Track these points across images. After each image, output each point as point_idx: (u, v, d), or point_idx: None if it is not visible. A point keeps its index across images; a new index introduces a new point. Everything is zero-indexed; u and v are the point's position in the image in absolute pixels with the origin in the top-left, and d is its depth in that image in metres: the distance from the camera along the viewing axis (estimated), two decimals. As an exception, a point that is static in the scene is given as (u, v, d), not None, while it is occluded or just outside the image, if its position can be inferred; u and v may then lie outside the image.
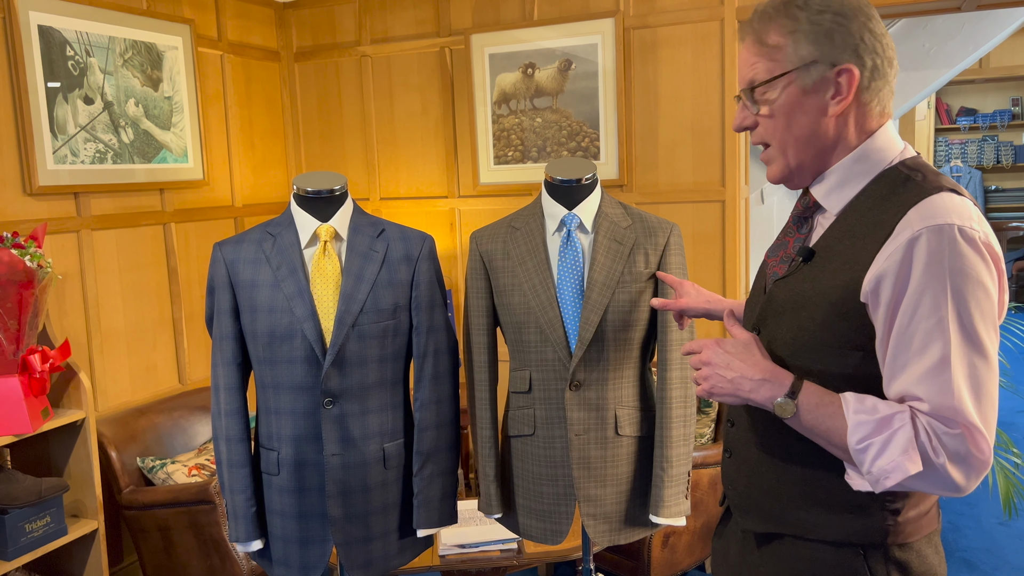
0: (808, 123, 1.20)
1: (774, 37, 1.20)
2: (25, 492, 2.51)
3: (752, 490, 1.32)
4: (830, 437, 1.14)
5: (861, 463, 1.11)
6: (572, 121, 3.50)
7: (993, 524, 3.63)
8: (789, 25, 1.19)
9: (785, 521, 1.28)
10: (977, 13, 4.40)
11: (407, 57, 3.82)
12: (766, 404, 1.19)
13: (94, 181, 3.03)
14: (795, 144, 1.22)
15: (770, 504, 1.29)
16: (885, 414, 1.09)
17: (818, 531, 1.24)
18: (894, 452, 1.07)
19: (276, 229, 1.95)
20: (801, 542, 1.26)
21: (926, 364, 1.07)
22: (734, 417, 1.38)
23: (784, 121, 1.22)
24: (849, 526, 1.21)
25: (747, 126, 1.27)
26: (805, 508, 1.25)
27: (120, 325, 3.18)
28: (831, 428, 1.14)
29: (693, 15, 3.29)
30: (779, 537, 1.30)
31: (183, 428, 3.21)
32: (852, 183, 1.21)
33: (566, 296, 1.93)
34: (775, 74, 1.20)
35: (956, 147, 9.08)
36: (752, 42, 1.23)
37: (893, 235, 1.11)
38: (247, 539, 1.94)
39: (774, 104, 1.22)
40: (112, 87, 3.10)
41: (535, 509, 2.03)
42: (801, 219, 1.29)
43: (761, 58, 1.22)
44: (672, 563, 2.91)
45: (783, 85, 1.20)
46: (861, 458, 1.11)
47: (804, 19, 1.18)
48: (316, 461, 1.90)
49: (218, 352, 1.93)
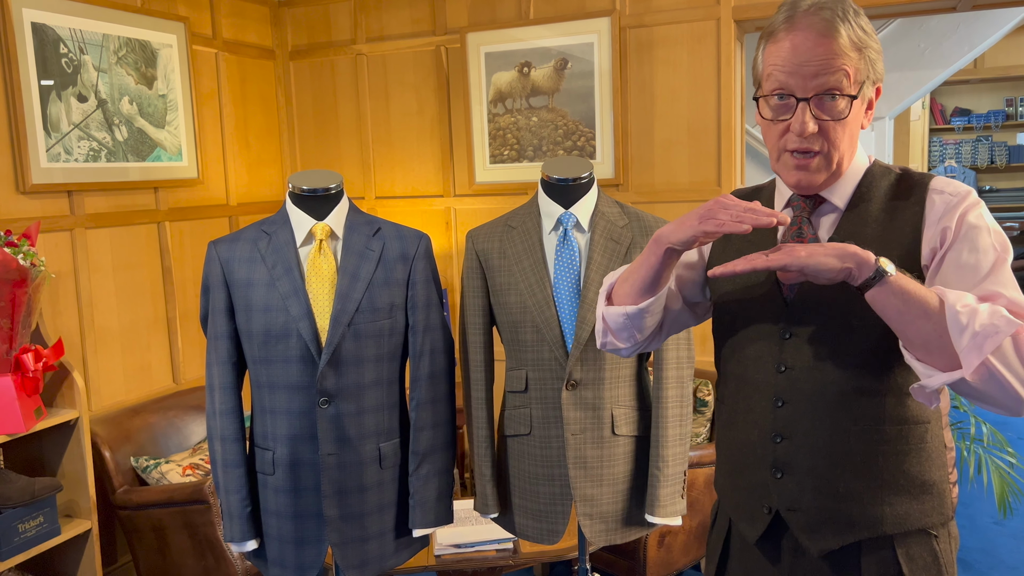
0: (856, 133, 1.26)
1: (854, 49, 1.19)
2: (18, 492, 2.49)
3: (825, 501, 1.26)
4: (917, 313, 1.10)
5: (962, 327, 1.07)
6: (568, 120, 3.50)
7: (988, 524, 3.64)
8: (865, 40, 1.20)
9: (868, 524, 1.25)
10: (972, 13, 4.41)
11: (403, 56, 3.81)
12: (863, 269, 1.12)
13: (88, 179, 3.01)
14: (847, 153, 1.25)
15: (848, 510, 1.25)
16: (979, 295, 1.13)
17: (903, 523, 1.24)
18: (995, 314, 1.07)
19: (271, 227, 1.94)
20: (880, 545, 1.25)
21: (991, 270, 1.15)
22: (783, 430, 1.28)
23: (849, 131, 1.23)
24: (930, 508, 1.25)
25: (811, 132, 1.20)
26: (888, 501, 1.24)
27: (114, 324, 3.16)
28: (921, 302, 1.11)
29: (689, 15, 3.29)
30: (853, 549, 1.27)
31: (177, 428, 3.20)
32: (851, 180, 1.28)
33: (563, 295, 1.92)
34: (857, 87, 1.20)
35: (950, 147, 9.10)
36: (834, 46, 1.17)
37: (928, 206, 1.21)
38: (242, 539, 1.93)
39: (847, 115, 1.20)
40: (106, 85, 3.08)
41: (531, 509, 2.02)
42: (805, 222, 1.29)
43: (849, 64, 1.18)
44: (668, 563, 2.91)
45: (857, 100, 1.21)
46: (963, 321, 1.07)
47: (870, 38, 1.21)
48: (312, 461, 1.90)
49: (213, 351, 1.92)
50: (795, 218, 1.30)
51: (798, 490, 1.28)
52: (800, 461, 1.27)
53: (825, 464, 1.25)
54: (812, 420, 1.25)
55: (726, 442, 1.40)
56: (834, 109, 1.19)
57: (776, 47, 1.22)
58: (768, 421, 1.29)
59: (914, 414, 1.25)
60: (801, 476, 1.27)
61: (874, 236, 1.23)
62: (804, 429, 1.26)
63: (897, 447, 1.23)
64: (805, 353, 1.25)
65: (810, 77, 1.18)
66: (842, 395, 1.24)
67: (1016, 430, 4.87)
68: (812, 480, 1.26)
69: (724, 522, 1.44)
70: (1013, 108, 8.85)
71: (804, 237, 1.28)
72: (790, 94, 1.20)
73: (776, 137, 1.25)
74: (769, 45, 1.24)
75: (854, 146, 1.27)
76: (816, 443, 1.25)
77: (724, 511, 1.45)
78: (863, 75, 1.20)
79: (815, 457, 1.26)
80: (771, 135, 1.26)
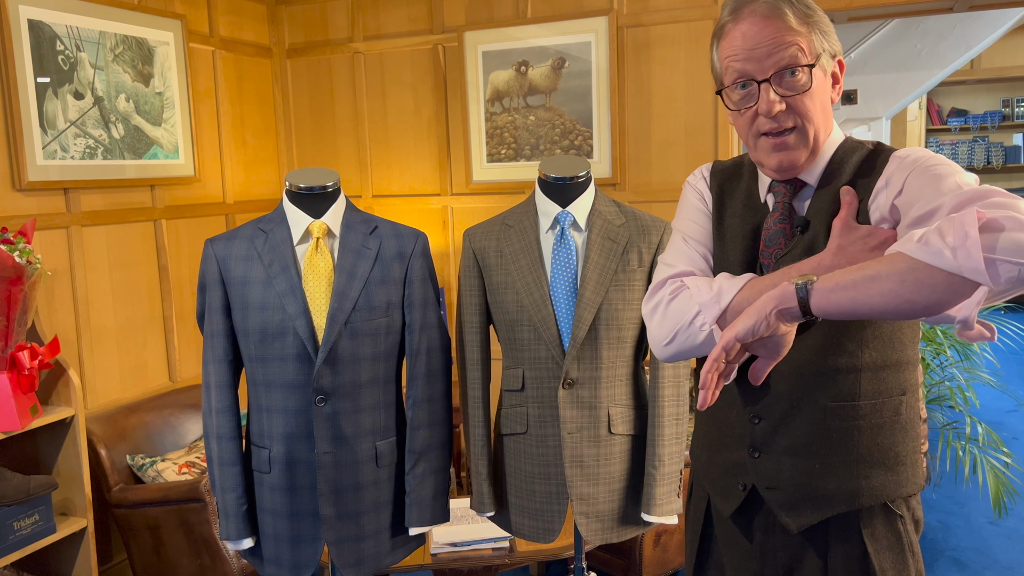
0: (827, 107, 1.27)
1: (798, 23, 1.22)
2: (13, 490, 2.49)
3: (802, 477, 1.29)
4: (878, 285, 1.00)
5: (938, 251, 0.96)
6: (565, 119, 3.50)
7: (983, 523, 3.65)
8: (801, 12, 1.22)
9: (842, 499, 1.28)
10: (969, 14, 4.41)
11: (400, 54, 3.81)
12: (790, 304, 1.06)
13: (84, 177, 3.01)
14: (822, 127, 1.26)
15: (826, 485, 1.28)
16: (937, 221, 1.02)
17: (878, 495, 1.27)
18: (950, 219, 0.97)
19: (268, 226, 1.93)
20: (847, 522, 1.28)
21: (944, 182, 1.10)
22: (761, 411, 1.30)
23: (818, 103, 1.24)
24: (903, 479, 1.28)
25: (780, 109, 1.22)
26: (864, 474, 1.27)
27: (110, 322, 3.16)
28: (868, 270, 1.02)
29: (686, 14, 3.29)
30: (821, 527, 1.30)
31: (173, 426, 3.19)
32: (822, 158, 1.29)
33: (559, 294, 1.92)
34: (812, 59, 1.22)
35: (947, 148, 9.12)
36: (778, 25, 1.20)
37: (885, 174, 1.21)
38: (238, 537, 1.93)
39: (810, 86, 1.22)
40: (103, 82, 3.08)
41: (527, 507, 2.02)
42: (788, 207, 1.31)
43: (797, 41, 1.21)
44: (664, 562, 2.91)
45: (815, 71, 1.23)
46: (934, 245, 0.96)
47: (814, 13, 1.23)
48: (308, 459, 1.89)
49: (209, 349, 1.92)
50: (776, 204, 1.31)
51: (776, 469, 1.30)
52: (778, 441, 1.30)
53: (802, 443, 1.28)
54: (789, 401, 1.27)
55: (705, 417, 1.43)
56: (796, 83, 1.21)
57: (727, 41, 1.25)
58: (746, 402, 1.32)
59: (889, 387, 1.27)
60: (779, 455, 1.30)
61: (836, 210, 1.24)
62: (782, 410, 1.29)
63: (873, 421, 1.25)
64: None
65: (765, 58, 1.21)
66: (818, 375, 1.26)
67: (1011, 430, 4.89)
68: (790, 459, 1.29)
69: (703, 493, 1.46)
70: (1010, 109, 8.87)
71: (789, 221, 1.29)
72: (751, 79, 1.23)
73: (747, 126, 1.27)
74: (720, 41, 1.27)
75: (828, 121, 1.28)
76: (793, 423, 1.28)
77: (700, 482, 1.48)
78: (817, 47, 1.23)
79: (792, 437, 1.28)
80: (742, 125, 1.28)
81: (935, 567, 3.28)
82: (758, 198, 1.36)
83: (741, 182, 1.39)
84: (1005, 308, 4.68)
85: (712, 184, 1.43)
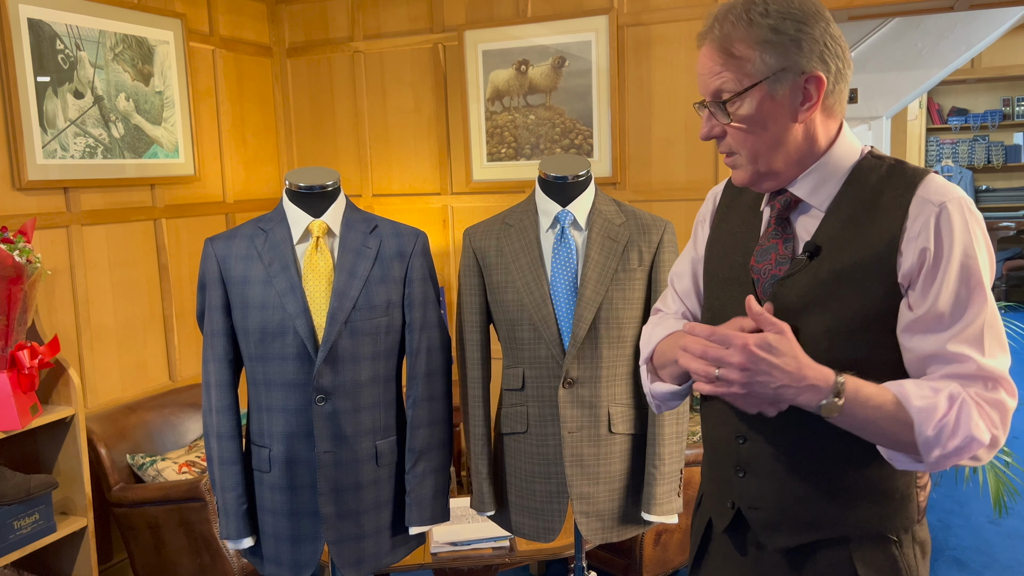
0: (778, 131, 1.21)
1: (740, 48, 1.18)
2: (13, 489, 2.49)
3: (783, 503, 1.27)
4: (880, 426, 1.13)
5: (933, 447, 1.11)
6: (565, 118, 3.49)
7: (983, 523, 3.65)
8: (755, 35, 1.17)
9: (824, 525, 1.25)
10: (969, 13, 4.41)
11: (400, 53, 3.80)
12: (809, 407, 1.13)
13: (84, 176, 3.01)
14: (766, 152, 1.22)
15: (807, 512, 1.25)
16: (945, 393, 1.12)
17: (861, 526, 1.24)
18: (967, 427, 1.10)
19: (268, 225, 1.93)
20: (838, 546, 1.25)
21: (970, 323, 1.13)
22: (747, 433, 1.29)
23: (755, 131, 1.21)
24: (890, 512, 1.23)
25: (715, 135, 1.25)
26: (847, 505, 1.23)
27: (110, 321, 3.15)
28: (880, 418, 1.12)
29: (687, 13, 3.29)
30: (812, 548, 1.27)
31: (173, 425, 3.19)
32: (834, 178, 1.24)
33: (560, 293, 1.92)
34: (745, 86, 1.18)
35: (947, 147, 9.11)
36: (715, 51, 1.20)
37: (911, 215, 1.15)
38: (238, 536, 1.93)
39: (745, 115, 1.20)
40: (102, 81, 3.08)
41: (528, 507, 2.02)
42: (782, 220, 1.28)
43: (727, 69, 1.19)
44: (664, 561, 2.91)
45: (753, 96, 1.18)
46: (935, 442, 1.11)
47: (768, 27, 1.16)
48: (308, 458, 1.89)
49: (209, 348, 1.92)
50: (770, 218, 1.30)
51: (759, 490, 1.29)
52: (762, 463, 1.29)
53: (785, 467, 1.26)
54: (774, 424, 1.24)
55: (703, 435, 1.45)
56: (726, 112, 1.21)
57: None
58: (733, 422, 1.32)
59: None
60: (762, 477, 1.29)
61: (857, 242, 1.19)
62: (767, 432, 1.27)
63: (860, 451, 1.21)
64: None
65: (704, 85, 1.23)
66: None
67: (1012, 429, 4.88)
68: (772, 481, 1.28)
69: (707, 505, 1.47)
70: (1010, 108, 8.87)
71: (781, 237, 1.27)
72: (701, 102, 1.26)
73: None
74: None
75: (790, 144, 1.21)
76: (777, 446, 1.26)
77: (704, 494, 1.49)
78: (758, 70, 1.17)
79: (776, 460, 1.27)
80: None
81: (935, 566, 3.28)
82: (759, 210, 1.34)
83: (750, 192, 1.37)
84: (1006, 307, 4.68)
85: (724, 193, 1.43)
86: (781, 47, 1.16)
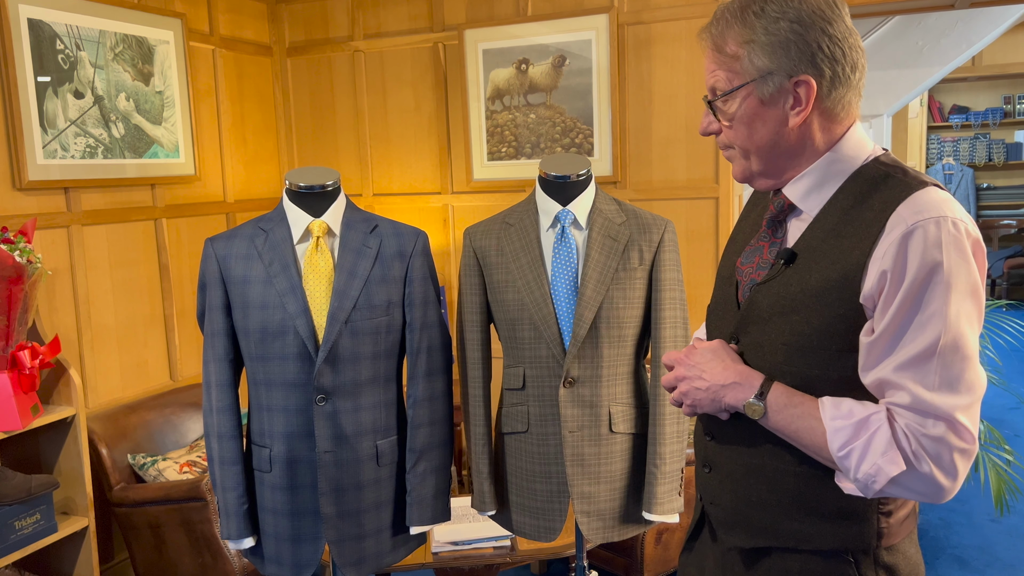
0: (769, 132, 1.19)
1: (732, 46, 1.18)
2: (15, 489, 2.49)
3: (739, 504, 1.28)
4: (803, 438, 1.16)
5: (847, 470, 1.12)
6: (566, 117, 3.49)
7: (985, 521, 3.65)
8: (746, 34, 1.16)
9: (777, 534, 1.25)
10: (970, 11, 4.40)
11: (400, 52, 3.80)
12: (737, 406, 1.20)
13: (84, 176, 3.01)
14: (757, 152, 1.22)
15: (760, 517, 1.26)
16: (861, 416, 1.10)
17: (812, 541, 1.22)
18: (875, 455, 1.08)
19: (268, 225, 1.93)
20: (791, 554, 1.24)
21: (914, 351, 1.07)
22: (714, 430, 1.31)
23: (745, 130, 1.21)
24: (844, 533, 1.20)
25: (712, 131, 1.26)
26: (799, 518, 1.22)
27: (111, 321, 3.15)
28: (803, 429, 1.15)
29: (687, 11, 3.29)
30: (767, 552, 1.27)
31: (174, 425, 3.19)
32: (829, 183, 1.20)
33: (560, 292, 1.92)
34: (734, 85, 1.19)
35: (948, 145, 9.11)
36: (711, 49, 1.22)
37: (886, 232, 1.10)
38: (239, 536, 1.93)
39: (735, 114, 1.21)
40: (103, 81, 3.08)
41: (529, 506, 2.02)
42: (775, 223, 1.28)
43: (720, 67, 1.20)
44: (665, 560, 2.91)
45: (742, 96, 1.19)
46: (846, 464, 1.11)
47: (760, 28, 1.15)
48: (308, 458, 1.89)
49: (210, 348, 1.92)
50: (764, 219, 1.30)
51: (719, 488, 1.32)
52: (723, 462, 1.31)
53: (743, 470, 1.27)
54: (735, 426, 1.26)
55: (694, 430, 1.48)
56: (720, 110, 1.23)
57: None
58: (704, 420, 1.34)
59: None
60: (722, 476, 1.31)
61: (831, 254, 1.16)
62: (728, 433, 1.29)
63: (814, 469, 1.19)
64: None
65: (706, 81, 1.25)
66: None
67: (1013, 427, 4.88)
68: (730, 482, 1.29)
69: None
70: (1011, 106, 8.86)
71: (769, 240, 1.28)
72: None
73: None
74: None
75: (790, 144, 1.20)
76: (736, 447, 1.28)
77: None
78: (746, 71, 1.17)
79: (734, 461, 1.28)
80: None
81: (937, 565, 3.27)
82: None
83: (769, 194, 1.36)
84: (1006, 305, 4.68)
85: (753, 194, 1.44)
86: (770, 48, 1.15)
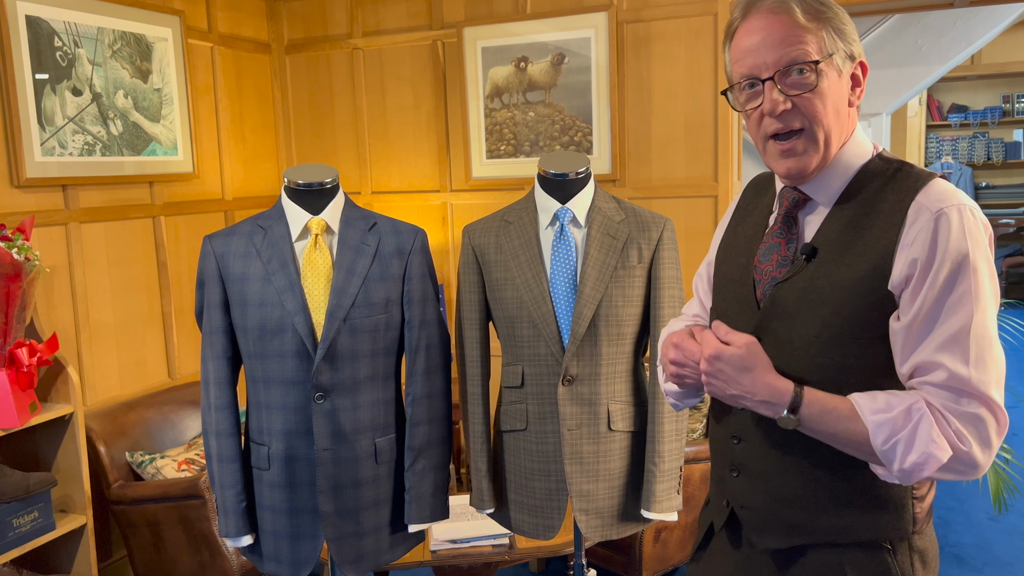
0: (842, 110, 1.20)
1: (808, 20, 1.16)
2: (12, 487, 2.49)
3: (773, 505, 1.27)
4: (840, 439, 1.15)
5: (891, 461, 1.12)
6: (565, 115, 3.49)
7: (983, 519, 3.65)
8: (819, 11, 1.17)
9: (813, 530, 1.24)
10: (970, 9, 4.40)
11: (399, 50, 3.80)
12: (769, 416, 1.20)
13: (82, 173, 3.00)
14: (835, 131, 1.19)
15: (795, 516, 1.25)
16: (901, 408, 1.11)
17: (849, 534, 1.22)
18: (922, 444, 1.09)
19: (267, 222, 1.93)
20: (828, 550, 1.24)
21: (949, 331, 1.10)
22: (741, 433, 1.30)
23: (829, 104, 1.17)
24: (882, 522, 1.22)
25: (785, 109, 1.17)
26: (836, 512, 1.22)
27: (109, 319, 3.15)
28: (840, 431, 1.15)
29: (687, 9, 3.28)
30: (801, 551, 1.26)
31: (172, 423, 3.19)
32: (840, 176, 1.23)
33: (559, 290, 1.92)
34: (825, 54, 1.16)
35: (947, 144, 9.11)
36: (790, 21, 1.16)
37: (908, 221, 1.13)
38: (237, 534, 1.93)
39: (819, 86, 1.16)
40: (101, 78, 3.07)
41: (527, 504, 2.02)
42: (790, 219, 1.27)
43: (808, 35, 1.16)
44: (664, 558, 2.91)
45: (829, 68, 1.17)
46: (891, 456, 1.12)
47: (830, 10, 1.18)
48: (307, 456, 1.89)
49: (208, 346, 1.92)
50: (777, 215, 1.29)
51: (750, 490, 1.30)
52: (753, 464, 1.29)
53: (775, 469, 1.26)
54: (766, 426, 1.25)
55: (709, 435, 1.45)
56: (802, 82, 1.16)
57: (737, 40, 1.22)
58: (730, 422, 1.33)
59: None
60: (753, 478, 1.29)
61: (854, 246, 1.18)
62: (759, 435, 1.27)
63: (850, 459, 1.20)
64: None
65: (770, 55, 1.17)
66: None
67: (1012, 426, 4.88)
68: (763, 483, 1.28)
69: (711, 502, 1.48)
70: (1010, 104, 8.86)
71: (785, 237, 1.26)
72: (756, 78, 1.19)
73: (755, 127, 1.23)
74: (731, 42, 1.24)
75: (843, 126, 1.20)
76: (768, 449, 1.27)
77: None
78: (830, 46, 1.17)
79: (766, 462, 1.27)
80: (751, 127, 1.24)
81: (935, 563, 3.28)
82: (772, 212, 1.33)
83: (768, 193, 1.35)
84: (1005, 304, 4.68)
85: (744, 196, 1.43)
86: (840, 30, 1.18)
